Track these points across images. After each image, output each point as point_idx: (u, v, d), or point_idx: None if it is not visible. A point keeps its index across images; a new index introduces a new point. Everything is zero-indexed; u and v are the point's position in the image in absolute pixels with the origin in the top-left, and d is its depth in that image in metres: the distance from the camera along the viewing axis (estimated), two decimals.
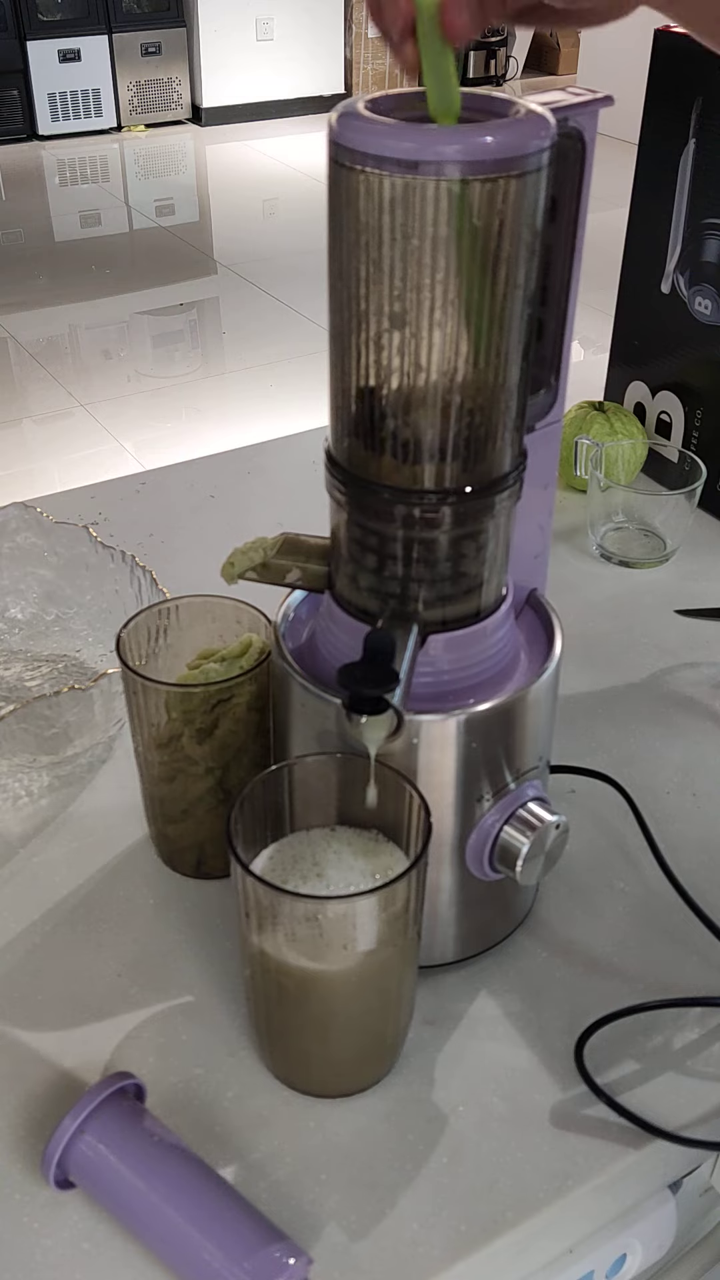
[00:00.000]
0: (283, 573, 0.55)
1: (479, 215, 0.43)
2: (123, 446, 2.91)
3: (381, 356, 0.46)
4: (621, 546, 0.95)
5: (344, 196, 0.44)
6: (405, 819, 0.52)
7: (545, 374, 0.60)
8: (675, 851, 0.67)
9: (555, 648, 0.57)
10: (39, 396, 3.18)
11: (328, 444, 0.51)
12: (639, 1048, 0.57)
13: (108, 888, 0.65)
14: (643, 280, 1.00)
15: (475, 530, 0.50)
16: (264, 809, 0.53)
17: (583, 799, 0.71)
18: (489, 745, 0.54)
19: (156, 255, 4.20)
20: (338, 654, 0.54)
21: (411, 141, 0.42)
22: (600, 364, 1.09)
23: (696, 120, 0.91)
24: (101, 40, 5.28)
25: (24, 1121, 0.53)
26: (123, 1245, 0.49)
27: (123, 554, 0.77)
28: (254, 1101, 0.55)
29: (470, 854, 0.56)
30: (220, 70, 5.56)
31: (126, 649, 0.60)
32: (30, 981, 0.60)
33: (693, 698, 0.80)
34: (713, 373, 0.97)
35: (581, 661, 0.83)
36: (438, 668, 0.53)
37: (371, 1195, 0.51)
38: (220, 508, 1.01)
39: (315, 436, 1.10)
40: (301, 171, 5.01)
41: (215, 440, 2.90)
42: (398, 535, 0.50)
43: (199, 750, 0.60)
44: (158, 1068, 0.56)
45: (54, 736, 0.69)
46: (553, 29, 0.48)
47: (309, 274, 3.83)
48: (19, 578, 0.83)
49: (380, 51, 5.82)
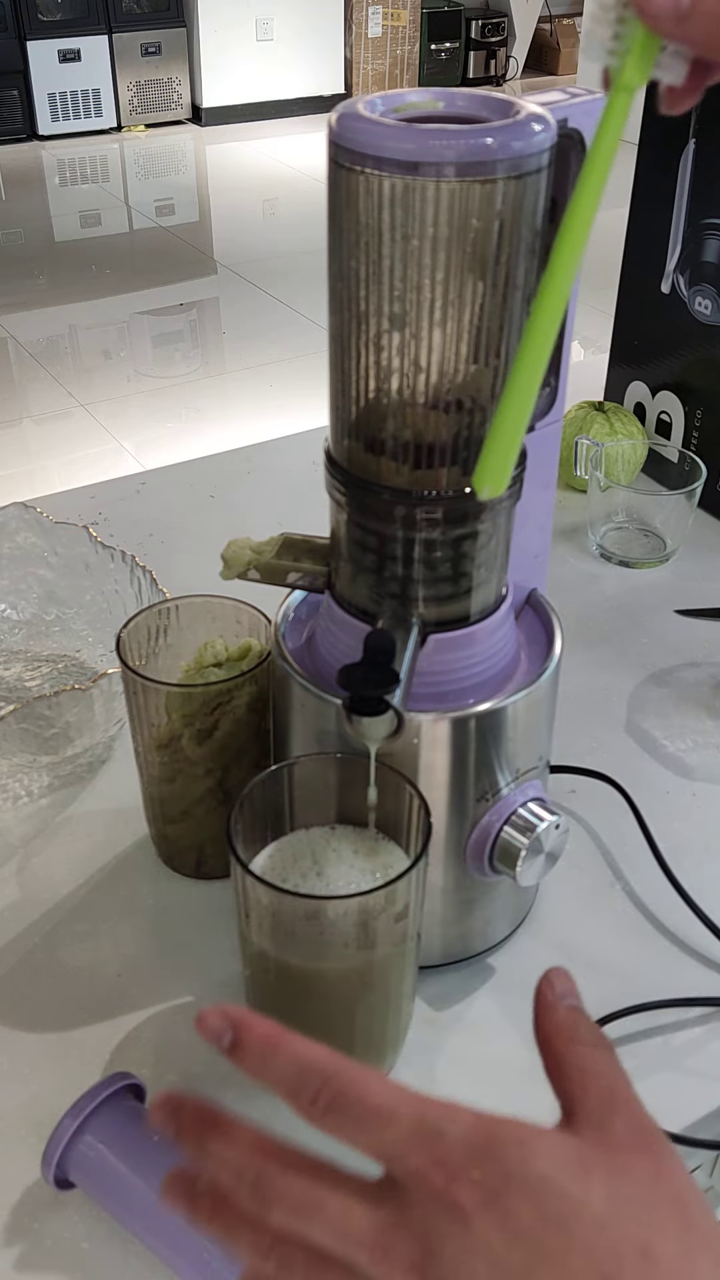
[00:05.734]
0: (283, 573, 0.55)
1: (478, 216, 0.43)
2: (123, 446, 2.91)
3: (381, 357, 0.46)
4: (621, 546, 0.95)
5: (344, 197, 0.44)
6: (405, 819, 0.52)
7: (545, 374, 0.59)
8: (675, 851, 0.67)
9: (555, 648, 0.57)
10: (39, 396, 3.18)
11: (328, 444, 0.51)
12: (639, 1048, 0.57)
13: (108, 888, 0.65)
14: (643, 280, 1.00)
15: (475, 530, 0.50)
16: (264, 809, 0.53)
17: (583, 799, 0.71)
18: (489, 745, 0.54)
19: (156, 255, 4.20)
20: (338, 654, 0.54)
21: (411, 142, 0.42)
22: (600, 364, 1.09)
23: (696, 120, 0.91)
24: (101, 40, 5.27)
25: (24, 1121, 0.53)
26: (123, 1245, 0.49)
27: (123, 554, 0.77)
28: (254, 1101, 0.55)
29: (470, 854, 0.56)
30: (220, 70, 5.55)
31: (126, 649, 0.60)
32: (30, 981, 0.60)
33: (693, 698, 0.80)
34: (713, 373, 0.97)
35: (582, 662, 0.83)
36: (438, 668, 0.53)
37: None
38: (220, 508, 1.01)
39: (315, 436, 1.10)
40: (301, 171, 5.01)
41: (215, 440, 2.90)
42: (398, 535, 0.50)
43: (199, 751, 0.60)
44: (158, 1068, 0.56)
45: (54, 736, 0.69)
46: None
47: (309, 274, 3.83)
48: (19, 578, 0.83)
49: (380, 51, 5.82)
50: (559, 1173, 0.31)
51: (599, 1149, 0.33)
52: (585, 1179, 0.31)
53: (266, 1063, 0.34)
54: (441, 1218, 0.31)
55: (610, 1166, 0.32)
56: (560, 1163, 0.32)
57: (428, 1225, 0.31)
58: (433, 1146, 0.31)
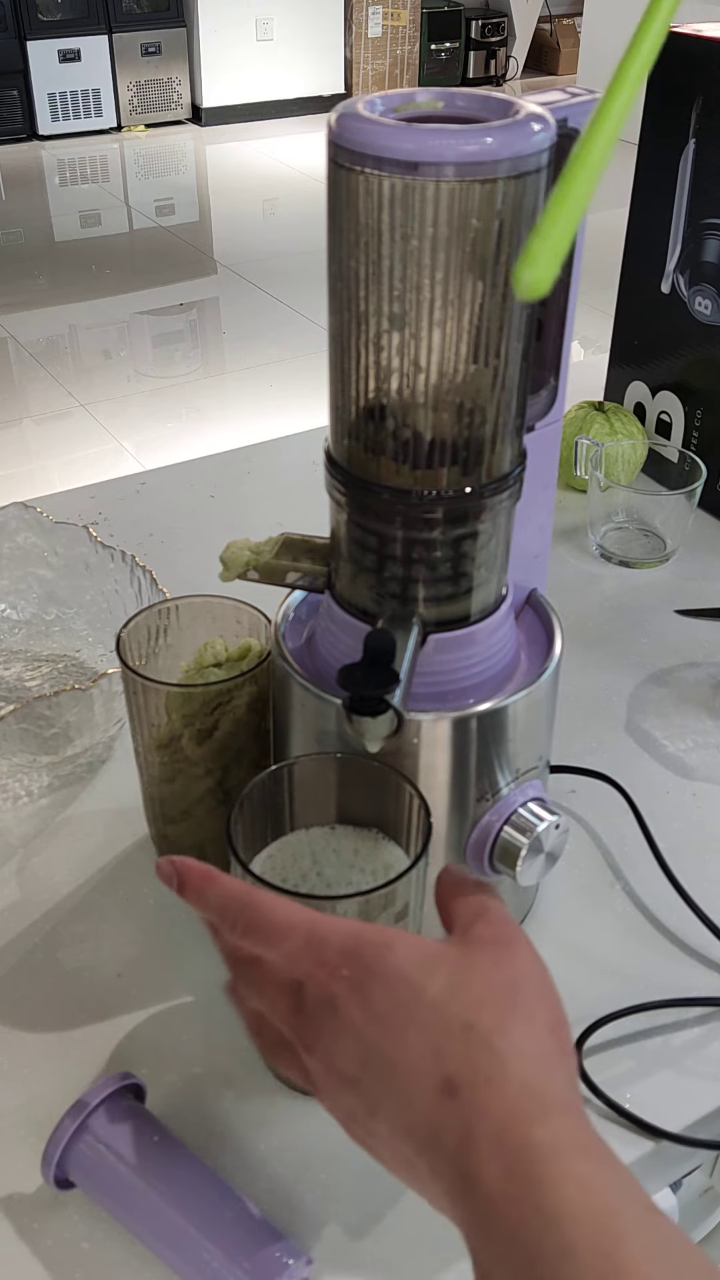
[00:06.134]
0: (282, 573, 0.55)
1: (478, 216, 0.43)
2: (123, 446, 2.91)
3: (381, 357, 0.46)
4: (621, 546, 0.95)
5: (344, 197, 0.44)
6: (405, 818, 0.52)
7: (545, 374, 0.60)
8: (675, 851, 0.67)
9: (555, 648, 0.57)
10: (39, 396, 3.18)
11: (328, 444, 0.51)
12: (639, 1048, 0.57)
13: (108, 888, 0.65)
14: (643, 280, 1.00)
15: (475, 530, 0.50)
16: (264, 809, 0.53)
17: (583, 799, 0.71)
18: (489, 745, 0.54)
19: (156, 255, 4.20)
20: (338, 654, 0.54)
21: (411, 142, 0.42)
22: (600, 364, 1.09)
23: (696, 120, 0.91)
24: (101, 40, 5.27)
25: (24, 1121, 0.53)
26: (123, 1245, 0.49)
27: (123, 554, 0.77)
28: (254, 1101, 0.55)
29: (470, 854, 0.56)
30: (220, 70, 5.55)
31: (126, 649, 0.60)
32: (30, 981, 0.60)
33: (693, 698, 0.80)
34: (713, 373, 0.97)
35: (582, 662, 0.83)
36: (438, 668, 0.53)
37: (371, 1195, 0.51)
38: (220, 508, 1.01)
39: (315, 436, 1.10)
40: (301, 171, 5.01)
41: (215, 440, 2.90)
42: (398, 535, 0.50)
43: (199, 751, 0.60)
44: (158, 1068, 0.56)
45: (54, 736, 0.69)
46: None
47: (309, 274, 3.83)
48: (19, 578, 0.83)
49: (380, 51, 5.82)
50: (410, 966, 0.39)
51: (455, 947, 0.40)
52: (431, 970, 0.39)
53: (201, 896, 0.43)
54: (321, 1005, 0.39)
55: (457, 960, 0.39)
56: (413, 959, 0.39)
57: (315, 1014, 0.39)
58: (318, 951, 0.40)
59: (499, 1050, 0.37)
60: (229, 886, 0.42)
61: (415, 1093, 0.37)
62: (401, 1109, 0.37)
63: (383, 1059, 0.38)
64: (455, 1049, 0.37)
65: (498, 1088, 0.36)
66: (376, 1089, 0.38)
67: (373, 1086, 0.38)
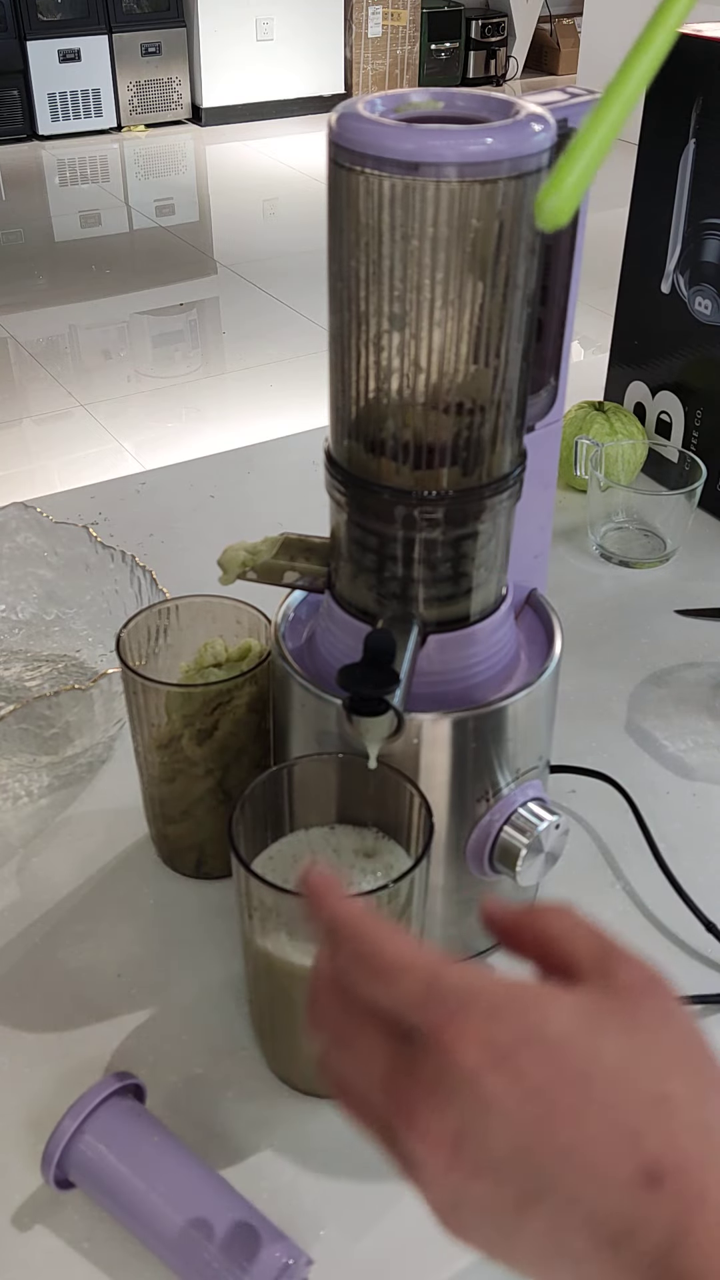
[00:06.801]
0: (281, 572, 0.55)
1: (479, 216, 0.43)
2: (123, 446, 2.91)
3: (381, 357, 0.46)
4: (621, 546, 0.95)
5: (344, 197, 0.44)
6: (406, 819, 0.52)
7: (545, 374, 0.60)
8: (675, 851, 0.67)
9: (555, 648, 0.57)
10: (39, 396, 3.18)
11: (328, 444, 0.51)
12: None
13: (108, 888, 0.65)
14: (643, 280, 1.00)
15: (475, 531, 0.50)
16: (265, 809, 0.53)
17: (583, 799, 0.71)
18: (489, 745, 0.54)
19: (156, 255, 4.20)
20: (338, 654, 0.54)
21: (411, 142, 0.42)
22: (600, 364, 1.09)
23: (696, 120, 0.91)
24: (101, 40, 5.27)
25: (24, 1121, 0.53)
26: (123, 1245, 0.49)
27: (123, 554, 0.77)
28: (254, 1101, 0.55)
29: (470, 854, 0.56)
30: (220, 70, 5.55)
31: (126, 649, 0.60)
32: (30, 981, 0.60)
33: (693, 698, 0.80)
34: (713, 373, 0.97)
35: (581, 661, 0.83)
36: (438, 668, 0.53)
37: (372, 1195, 0.51)
38: (220, 508, 1.01)
39: (315, 436, 1.10)
40: (301, 171, 5.01)
41: (215, 440, 2.90)
42: (398, 535, 0.50)
43: (199, 751, 0.60)
44: (158, 1068, 0.56)
45: (54, 736, 0.69)
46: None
47: (309, 274, 3.83)
48: (19, 578, 0.83)
49: (380, 51, 5.82)
50: (574, 1029, 0.32)
51: (609, 999, 0.33)
52: (599, 1032, 0.32)
53: (312, 913, 0.36)
54: (446, 1073, 0.31)
55: (621, 1016, 0.33)
56: (574, 1021, 0.32)
57: (437, 1084, 0.32)
58: (443, 1004, 0.32)
59: (708, 1126, 0.31)
60: (340, 909, 0.35)
61: (601, 1183, 0.30)
62: (575, 1202, 0.31)
63: (550, 1145, 0.31)
64: (651, 1129, 0.31)
65: (714, 1172, 0.31)
66: (537, 1180, 0.31)
67: (530, 1176, 0.31)
